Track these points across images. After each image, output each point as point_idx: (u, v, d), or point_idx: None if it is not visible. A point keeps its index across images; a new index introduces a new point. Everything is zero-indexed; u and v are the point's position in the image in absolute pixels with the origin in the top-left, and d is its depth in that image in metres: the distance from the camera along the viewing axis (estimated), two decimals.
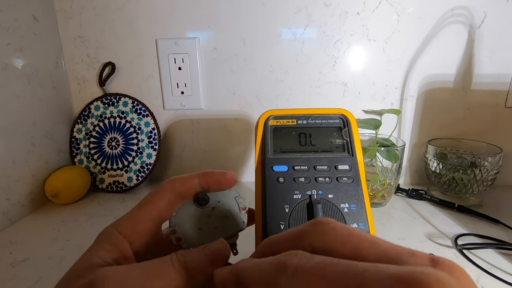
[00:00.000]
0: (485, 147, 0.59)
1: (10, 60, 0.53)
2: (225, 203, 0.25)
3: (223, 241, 0.22)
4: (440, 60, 0.61)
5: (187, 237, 0.24)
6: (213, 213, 0.25)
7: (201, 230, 0.24)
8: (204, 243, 0.22)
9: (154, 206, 0.23)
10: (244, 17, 0.62)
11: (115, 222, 0.22)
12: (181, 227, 0.24)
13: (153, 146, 0.65)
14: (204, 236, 0.24)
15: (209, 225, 0.25)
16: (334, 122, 0.36)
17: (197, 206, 0.25)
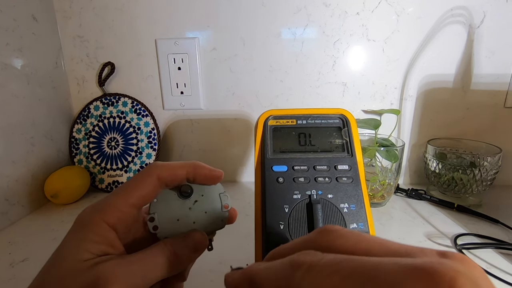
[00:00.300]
0: (484, 147, 0.59)
1: (10, 60, 0.53)
2: (208, 198, 0.25)
3: (202, 232, 0.24)
4: (439, 60, 0.61)
5: (164, 227, 0.23)
6: (194, 206, 0.25)
7: (179, 222, 0.24)
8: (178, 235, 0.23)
9: (139, 192, 0.22)
10: (243, 17, 0.62)
11: (97, 207, 0.21)
12: (160, 215, 0.24)
13: (153, 146, 0.65)
14: (181, 228, 0.24)
15: (188, 218, 0.24)
16: (334, 122, 0.36)
17: (179, 196, 0.24)
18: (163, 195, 0.24)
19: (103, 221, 0.21)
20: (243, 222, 0.21)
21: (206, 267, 0.40)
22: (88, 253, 0.19)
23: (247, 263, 0.42)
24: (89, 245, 0.20)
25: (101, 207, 0.21)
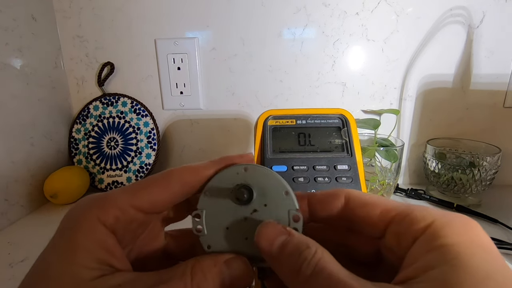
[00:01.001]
0: (483, 147, 0.59)
1: (9, 60, 0.53)
2: (273, 212, 0.19)
3: (246, 262, 0.18)
4: (439, 60, 0.61)
5: (208, 231, 0.19)
6: (251, 217, 0.19)
7: (228, 231, 0.19)
8: (224, 250, 0.18)
9: (150, 195, 0.18)
10: (243, 17, 0.62)
11: (93, 201, 0.17)
12: (208, 215, 0.19)
13: (152, 146, 0.65)
14: (229, 241, 0.19)
15: (241, 230, 0.19)
16: (333, 122, 0.36)
17: (234, 200, 0.19)
18: (217, 191, 0.19)
19: (99, 221, 0.16)
20: None
21: None
22: (85, 270, 0.15)
23: None
24: (84, 258, 0.15)
25: (98, 201, 0.17)
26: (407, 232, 0.16)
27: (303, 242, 0.16)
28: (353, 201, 0.19)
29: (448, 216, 0.15)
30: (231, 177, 0.20)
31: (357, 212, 0.18)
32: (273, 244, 0.17)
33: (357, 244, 0.20)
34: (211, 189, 0.19)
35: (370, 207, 0.18)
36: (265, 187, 0.19)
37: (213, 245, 0.19)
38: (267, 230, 0.17)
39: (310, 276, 0.15)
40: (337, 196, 0.19)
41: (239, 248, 0.19)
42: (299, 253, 0.16)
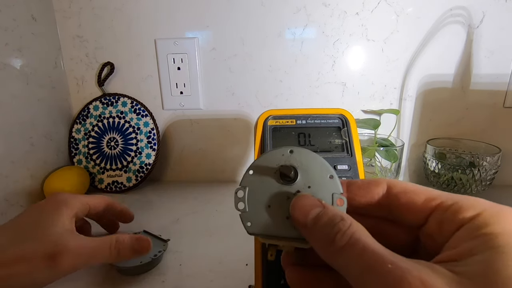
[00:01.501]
0: (483, 147, 0.59)
1: (9, 60, 0.53)
2: (316, 193, 0.19)
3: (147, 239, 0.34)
4: (439, 60, 0.61)
5: (250, 208, 0.19)
6: (294, 197, 0.19)
7: (270, 209, 0.19)
8: (264, 228, 0.19)
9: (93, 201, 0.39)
10: (243, 17, 0.62)
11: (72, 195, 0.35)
12: (250, 192, 0.19)
13: (152, 146, 0.65)
14: (270, 219, 0.19)
15: (283, 209, 0.19)
16: (333, 122, 0.36)
17: (277, 180, 0.19)
18: (262, 169, 0.19)
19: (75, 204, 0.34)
20: None
21: (206, 267, 0.40)
22: (64, 225, 0.31)
23: (247, 263, 0.42)
24: (66, 220, 0.32)
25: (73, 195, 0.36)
26: (452, 220, 0.16)
27: (337, 214, 0.16)
28: (396, 188, 0.19)
29: (497, 206, 0.15)
30: (276, 158, 0.20)
31: (400, 199, 0.18)
32: (307, 215, 0.17)
33: (393, 234, 0.20)
34: (256, 167, 0.20)
35: (414, 194, 0.18)
36: (310, 169, 0.19)
37: (253, 222, 0.19)
38: (303, 201, 0.18)
39: (344, 246, 0.15)
40: (379, 183, 0.20)
41: (279, 227, 0.19)
42: (333, 224, 0.16)
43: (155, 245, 0.41)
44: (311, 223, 0.17)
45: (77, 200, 0.35)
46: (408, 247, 0.20)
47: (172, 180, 0.72)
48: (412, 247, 0.20)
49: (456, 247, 0.14)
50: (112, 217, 0.45)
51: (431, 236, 0.17)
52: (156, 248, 0.41)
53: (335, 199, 0.18)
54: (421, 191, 0.18)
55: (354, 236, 0.15)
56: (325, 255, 0.16)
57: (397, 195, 0.19)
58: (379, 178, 0.20)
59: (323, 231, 0.16)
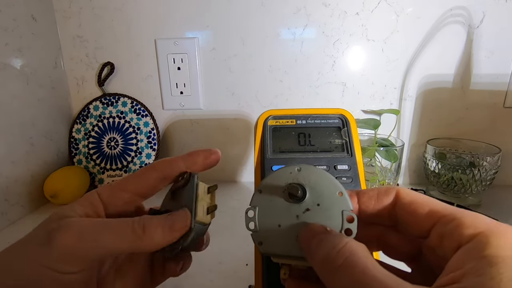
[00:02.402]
0: (484, 147, 0.59)
1: (9, 60, 0.53)
2: (325, 212, 0.19)
3: (186, 210, 0.22)
4: (439, 60, 0.61)
5: (261, 228, 0.19)
6: (304, 216, 0.19)
7: (280, 229, 0.19)
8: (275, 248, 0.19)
9: (135, 180, 0.24)
10: (243, 17, 0.62)
11: (98, 187, 0.26)
12: (261, 212, 0.19)
13: (152, 146, 0.65)
14: (281, 239, 0.19)
15: (292, 228, 0.19)
16: (333, 122, 0.36)
17: (286, 199, 0.19)
18: (270, 190, 0.20)
19: (96, 193, 0.23)
20: (243, 222, 0.20)
21: (206, 267, 0.40)
22: (72, 211, 0.21)
23: (247, 263, 0.42)
24: (76, 207, 0.22)
25: (103, 186, 0.24)
26: (453, 236, 0.16)
27: (337, 235, 0.17)
28: (404, 198, 0.19)
29: (498, 226, 0.15)
30: (284, 176, 0.20)
31: (406, 209, 0.19)
32: (311, 242, 0.17)
33: (397, 244, 0.20)
34: (264, 187, 0.20)
35: (418, 205, 0.18)
36: (318, 187, 0.19)
37: (264, 242, 0.19)
38: (308, 230, 0.18)
39: (340, 266, 0.15)
40: (388, 192, 0.20)
41: (290, 246, 0.19)
42: (330, 243, 0.16)
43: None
44: (314, 248, 0.17)
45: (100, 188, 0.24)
46: (409, 258, 0.20)
47: None
48: (413, 258, 0.20)
49: (458, 269, 0.14)
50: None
51: (432, 249, 0.18)
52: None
53: (345, 216, 0.18)
54: (426, 203, 0.18)
55: (351, 257, 0.15)
56: (323, 276, 0.16)
57: (403, 205, 0.19)
58: (389, 187, 0.20)
59: (319, 251, 0.16)
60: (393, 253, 0.21)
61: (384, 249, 0.21)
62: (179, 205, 0.22)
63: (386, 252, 0.21)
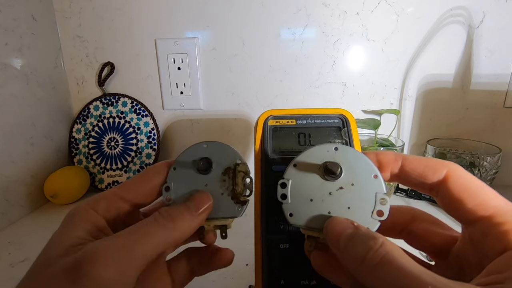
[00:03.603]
0: (484, 147, 0.59)
1: (9, 60, 0.53)
2: (359, 192, 0.19)
3: (204, 191, 0.21)
4: (439, 60, 0.61)
5: (292, 200, 0.20)
6: (337, 193, 0.19)
7: (312, 203, 0.20)
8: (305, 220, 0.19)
9: (134, 189, 0.21)
10: (243, 17, 0.62)
11: (87, 200, 0.21)
12: (294, 185, 0.20)
13: (152, 146, 0.65)
14: (312, 212, 0.19)
15: (324, 204, 0.19)
16: (333, 122, 0.36)
17: (321, 176, 0.20)
18: (305, 165, 0.20)
19: (92, 209, 0.20)
20: (242, 222, 0.21)
21: None
22: (76, 238, 0.18)
23: (247, 263, 0.42)
24: (77, 231, 0.18)
25: (90, 199, 0.21)
26: (501, 237, 0.15)
27: (369, 233, 0.16)
28: (453, 182, 0.18)
29: None
30: (321, 154, 0.20)
31: (453, 195, 0.18)
32: (340, 238, 0.17)
33: (423, 234, 0.20)
34: (300, 161, 0.20)
35: (469, 194, 0.17)
36: (354, 167, 0.20)
37: (295, 213, 0.20)
38: (335, 223, 0.18)
39: (376, 265, 0.15)
40: (437, 170, 0.19)
41: (319, 220, 0.19)
42: (364, 243, 0.16)
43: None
44: (343, 244, 0.17)
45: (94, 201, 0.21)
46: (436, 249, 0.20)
47: None
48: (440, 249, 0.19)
49: (502, 272, 0.14)
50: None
51: (472, 242, 0.17)
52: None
53: (378, 198, 0.19)
54: (479, 193, 0.17)
55: (387, 255, 0.15)
56: (358, 274, 0.16)
57: (451, 190, 0.18)
58: (439, 162, 0.19)
59: (354, 250, 0.16)
60: (417, 243, 0.20)
61: (408, 238, 0.21)
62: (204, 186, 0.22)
63: (410, 241, 0.21)
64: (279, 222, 0.30)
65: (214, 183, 0.21)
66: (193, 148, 0.23)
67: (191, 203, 0.20)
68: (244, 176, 0.21)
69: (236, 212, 0.21)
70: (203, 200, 0.21)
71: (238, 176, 0.21)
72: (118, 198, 0.21)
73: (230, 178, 0.22)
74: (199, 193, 0.21)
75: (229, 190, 0.21)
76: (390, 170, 0.20)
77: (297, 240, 0.26)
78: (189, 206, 0.20)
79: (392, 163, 0.20)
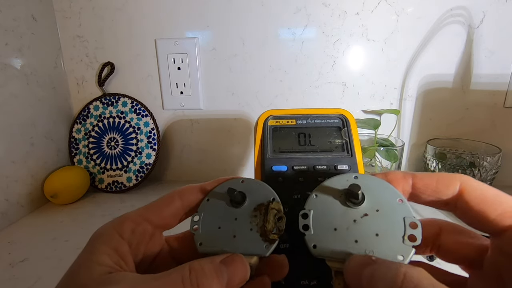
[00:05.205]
0: (484, 147, 0.59)
1: (9, 60, 0.53)
2: (386, 218, 0.18)
3: (243, 260, 0.19)
4: (439, 60, 0.61)
5: (315, 231, 0.19)
6: (362, 221, 0.18)
7: (336, 232, 0.19)
8: (330, 250, 0.18)
9: (159, 210, 0.21)
10: (243, 17, 0.62)
11: (114, 221, 0.20)
12: (316, 215, 0.19)
13: (153, 146, 0.65)
14: (337, 242, 0.18)
15: (350, 233, 0.18)
16: (334, 122, 0.36)
17: (343, 203, 0.19)
18: (326, 194, 0.20)
19: (117, 232, 0.19)
20: None
21: None
22: (98, 266, 0.17)
23: None
24: (102, 257, 0.18)
25: (117, 219, 0.20)
26: None
27: (391, 269, 0.15)
28: (469, 194, 0.17)
29: None
30: (341, 182, 0.20)
31: (472, 208, 0.17)
32: (360, 277, 0.16)
33: (454, 247, 0.19)
34: (321, 191, 0.20)
35: (488, 206, 0.16)
36: (376, 193, 0.19)
37: (319, 244, 0.19)
38: (353, 262, 0.17)
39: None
40: (450, 184, 0.18)
41: (347, 250, 0.18)
42: (391, 279, 0.15)
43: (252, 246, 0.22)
44: (366, 283, 0.16)
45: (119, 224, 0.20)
46: (469, 260, 0.19)
47: (172, 180, 0.72)
48: (474, 260, 0.18)
49: None
50: None
51: (504, 253, 0.16)
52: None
53: (408, 222, 0.18)
54: (499, 202, 0.16)
55: (418, 286, 0.14)
56: None
57: (469, 203, 0.17)
58: (451, 176, 0.18)
59: (379, 286, 0.15)
60: (449, 257, 0.20)
61: (439, 252, 0.20)
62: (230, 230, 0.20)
63: (441, 255, 0.20)
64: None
65: (245, 218, 0.21)
66: (230, 183, 0.23)
67: (224, 272, 0.18)
68: (277, 213, 0.20)
69: (263, 251, 0.19)
70: (239, 272, 0.18)
71: (270, 213, 0.20)
72: (143, 220, 0.20)
73: (262, 214, 0.21)
74: (236, 261, 0.18)
75: (258, 227, 0.20)
76: (402, 188, 0.19)
77: (297, 240, 0.26)
78: (220, 276, 0.17)
79: (401, 181, 0.19)
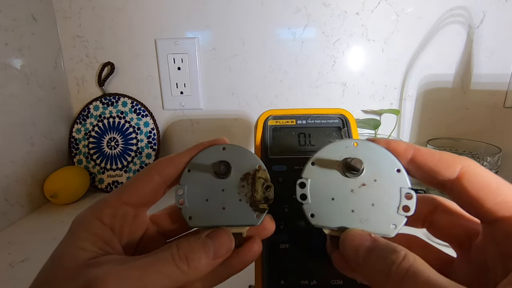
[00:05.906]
0: (484, 147, 0.59)
1: (9, 60, 0.53)
2: (383, 188, 0.18)
3: (228, 232, 0.19)
4: (439, 60, 0.61)
5: (313, 200, 0.19)
6: (359, 190, 0.19)
7: (333, 202, 0.19)
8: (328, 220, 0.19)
9: (137, 190, 0.20)
10: (243, 17, 0.62)
11: (91, 206, 0.20)
12: (313, 184, 0.19)
13: (153, 146, 0.65)
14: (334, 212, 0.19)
15: (346, 202, 0.19)
16: (333, 122, 0.36)
17: (342, 173, 0.19)
18: (324, 163, 0.19)
19: (97, 218, 0.19)
20: None
21: None
22: (83, 251, 0.17)
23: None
24: (84, 243, 0.18)
25: (95, 205, 0.20)
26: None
27: (389, 246, 0.16)
28: (470, 180, 0.17)
29: None
30: (340, 150, 0.20)
31: (471, 194, 0.17)
32: (358, 252, 0.16)
33: (446, 225, 0.19)
34: (318, 159, 0.19)
35: (489, 193, 0.16)
36: (375, 162, 0.19)
37: (316, 214, 0.19)
38: (351, 238, 0.17)
39: (401, 279, 0.14)
40: (450, 165, 0.17)
41: (344, 220, 0.18)
42: (386, 258, 0.15)
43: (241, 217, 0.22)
44: (363, 259, 0.16)
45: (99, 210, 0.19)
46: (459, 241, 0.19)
47: None
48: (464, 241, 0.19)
49: None
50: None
51: (494, 241, 0.16)
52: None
53: (403, 193, 0.18)
54: (500, 191, 0.16)
55: (412, 268, 0.14)
56: (379, 286, 0.15)
57: (469, 188, 0.17)
58: (454, 158, 0.18)
59: (376, 266, 0.15)
60: (439, 234, 0.20)
61: (430, 228, 0.20)
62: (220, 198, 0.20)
63: (432, 231, 0.20)
64: (279, 222, 0.30)
65: (232, 189, 0.20)
66: (210, 150, 0.21)
67: (211, 245, 0.18)
68: (264, 182, 0.20)
69: (254, 220, 0.20)
70: (224, 244, 0.19)
71: (258, 182, 0.20)
72: (122, 203, 0.20)
73: (249, 184, 0.20)
74: (220, 235, 0.19)
75: (247, 197, 0.20)
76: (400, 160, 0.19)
77: (297, 240, 0.26)
78: (207, 250, 0.18)
79: (402, 153, 0.19)
